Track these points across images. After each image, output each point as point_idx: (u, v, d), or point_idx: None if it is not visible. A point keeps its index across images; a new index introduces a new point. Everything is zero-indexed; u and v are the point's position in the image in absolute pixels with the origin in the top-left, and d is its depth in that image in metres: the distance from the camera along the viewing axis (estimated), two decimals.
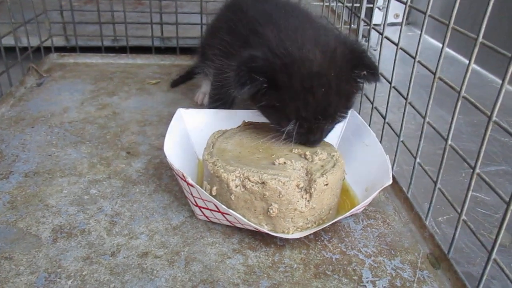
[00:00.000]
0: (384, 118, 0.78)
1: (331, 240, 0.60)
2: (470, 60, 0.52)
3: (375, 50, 0.79)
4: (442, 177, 0.59)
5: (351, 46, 0.63)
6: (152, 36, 1.23)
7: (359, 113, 0.80)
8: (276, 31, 0.64)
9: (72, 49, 1.25)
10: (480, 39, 0.50)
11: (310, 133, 0.62)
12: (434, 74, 0.60)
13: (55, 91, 1.01)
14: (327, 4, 1.28)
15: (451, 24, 0.56)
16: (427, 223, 0.62)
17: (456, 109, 0.55)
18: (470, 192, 0.52)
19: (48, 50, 1.19)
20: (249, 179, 0.55)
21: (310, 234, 0.60)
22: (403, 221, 0.65)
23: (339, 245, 0.59)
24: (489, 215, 0.72)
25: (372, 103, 0.83)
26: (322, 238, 0.60)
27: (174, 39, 1.26)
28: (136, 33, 1.29)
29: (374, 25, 0.84)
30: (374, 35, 0.85)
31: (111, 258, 0.55)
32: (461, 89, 0.54)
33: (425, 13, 0.62)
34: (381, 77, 0.65)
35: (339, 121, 0.64)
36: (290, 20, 0.68)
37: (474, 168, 0.51)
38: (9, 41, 1.00)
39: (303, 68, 0.59)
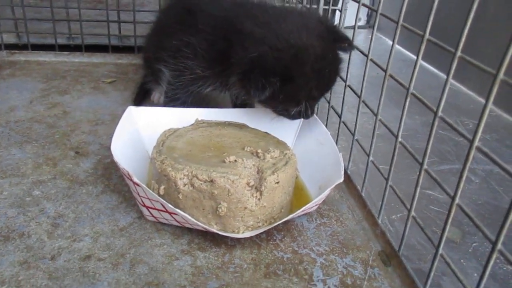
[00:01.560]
0: (340, 117, 0.78)
1: (283, 239, 0.59)
2: (418, 56, 0.52)
3: None
4: (397, 175, 0.59)
5: (327, 24, 0.70)
6: (108, 34, 1.20)
7: (316, 113, 0.80)
8: (262, 26, 0.66)
9: (24, 47, 1.19)
10: (427, 35, 0.50)
11: (308, 109, 0.68)
12: (385, 71, 0.60)
13: (2, 89, 0.96)
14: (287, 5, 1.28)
15: (400, 22, 0.56)
16: (379, 221, 0.61)
17: (405, 106, 0.55)
18: (418, 189, 0.52)
19: None
20: (197, 177, 0.54)
21: (263, 234, 0.59)
22: (357, 219, 0.65)
23: (291, 244, 0.58)
24: (442, 212, 0.72)
25: (329, 103, 0.83)
26: (275, 238, 0.59)
27: (132, 37, 1.22)
28: (93, 32, 1.25)
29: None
30: None
31: (50, 262, 0.52)
32: (409, 86, 0.54)
33: (376, 11, 0.62)
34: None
35: None
36: (264, 12, 0.69)
37: (422, 164, 0.51)
38: None
39: (311, 54, 0.63)
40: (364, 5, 0.68)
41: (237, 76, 0.66)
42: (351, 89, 0.73)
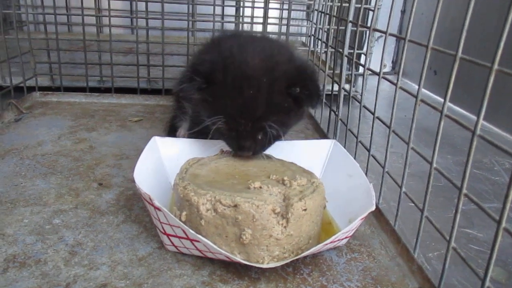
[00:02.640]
0: (369, 150, 0.75)
1: (311, 274, 0.55)
2: (450, 77, 0.50)
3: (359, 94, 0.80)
4: (430, 213, 0.56)
5: (298, 64, 0.67)
6: (138, 77, 1.23)
7: (344, 146, 0.78)
8: (233, 44, 0.67)
9: (57, 89, 1.23)
10: (459, 54, 0.48)
11: (240, 138, 0.63)
12: (416, 97, 0.58)
13: (33, 126, 0.98)
14: (312, 49, 1.30)
15: (430, 45, 0.55)
16: (415, 255, 0.57)
17: (440, 127, 0.52)
18: (458, 215, 0.48)
19: (32, 89, 1.18)
20: (220, 202, 0.51)
21: (289, 267, 0.55)
22: (390, 255, 0.60)
23: (320, 278, 0.54)
24: (482, 251, 0.67)
25: (356, 137, 0.81)
26: (302, 271, 0.55)
27: (160, 80, 1.25)
28: (123, 75, 1.29)
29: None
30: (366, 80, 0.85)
31: None
32: (443, 108, 0.51)
33: (404, 39, 0.61)
34: (316, 103, 0.67)
35: (273, 135, 0.64)
36: (251, 38, 0.73)
37: (461, 189, 0.48)
38: None
39: (239, 68, 0.62)
40: (392, 34, 0.67)
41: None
42: (380, 120, 0.71)
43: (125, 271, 0.53)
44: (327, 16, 1.17)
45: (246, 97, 0.61)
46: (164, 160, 0.70)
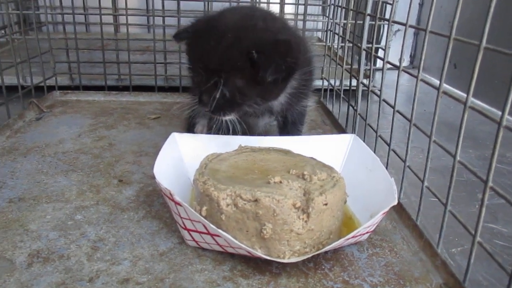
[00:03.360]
0: (389, 145, 0.74)
1: (332, 269, 0.54)
2: (474, 67, 0.49)
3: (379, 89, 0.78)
4: (454, 207, 0.55)
5: (274, 35, 0.67)
6: (155, 75, 1.24)
7: (363, 140, 0.77)
8: (231, 9, 0.77)
9: (76, 88, 1.25)
10: (484, 44, 0.47)
11: (200, 92, 0.67)
12: (438, 89, 0.57)
13: (53, 125, 0.99)
14: (329, 44, 1.29)
15: (453, 35, 0.53)
16: (438, 250, 0.56)
17: (463, 119, 0.51)
18: (483, 209, 0.47)
19: (52, 88, 1.20)
20: (241, 197, 0.51)
21: (310, 262, 0.55)
22: (412, 250, 0.59)
23: (342, 274, 0.54)
24: (508, 246, 0.65)
25: (376, 132, 0.80)
26: (323, 267, 0.55)
27: (177, 78, 1.26)
28: (141, 73, 1.30)
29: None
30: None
31: (88, 284, 0.50)
32: (466, 99, 0.50)
33: (425, 30, 0.60)
34: (271, 68, 0.63)
35: (228, 97, 0.66)
36: (251, 9, 0.82)
37: (486, 182, 0.46)
38: (14, 80, 1.02)
39: (214, 23, 0.68)
40: (412, 26, 0.66)
41: None
42: (400, 113, 0.70)
43: (146, 266, 0.53)
44: (344, 10, 1.16)
45: (206, 48, 0.65)
46: (183, 156, 0.70)
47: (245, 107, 0.69)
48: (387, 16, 0.79)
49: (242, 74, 0.65)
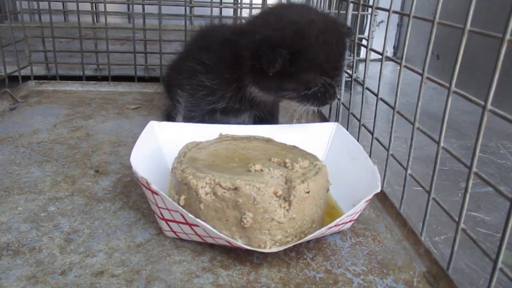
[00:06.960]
0: (372, 133, 0.73)
1: (314, 258, 0.53)
2: (458, 52, 0.48)
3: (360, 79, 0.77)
4: (437, 196, 0.54)
5: (292, 30, 0.66)
6: (135, 65, 1.20)
7: (347, 128, 0.76)
8: (263, 21, 0.70)
9: (52, 78, 1.21)
10: (468, 27, 0.46)
11: (330, 87, 0.67)
12: (422, 74, 0.56)
13: (28, 115, 0.96)
14: None
15: (437, 19, 0.52)
16: (422, 239, 0.55)
17: (447, 103, 0.50)
18: (468, 195, 0.46)
19: (27, 78, 1.15)
20: (220, 185, 0.49)
21: (292, 252, 0.54)
22: (396, 238, 0.58)
23: (324, 263, 0.52)
24: (490, 234, 0.65)
25: (359, 120, 0.79)
26: (305, 256, 0.53)
27: (158, 68, 1.23)
28: (120, 62, 1.26)
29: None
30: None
31: (60, 277, 0.48)
32: (450, 84, 0.49)
33: (408, 15, 0.59)
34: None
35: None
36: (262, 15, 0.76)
37: (470, 167, 0.46)
38: None
39: (313, 27, 0.65)
40: (395, 11, 0.65)
41: (247, 61, 0.67)
42: (384, 101, 0.69)
43: (122, 258, 0.51)
44: None
45: (332, 51, 0.66)
46: (161, 144, 0.68)
47: None
48: (370, 5, 0.78)
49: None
